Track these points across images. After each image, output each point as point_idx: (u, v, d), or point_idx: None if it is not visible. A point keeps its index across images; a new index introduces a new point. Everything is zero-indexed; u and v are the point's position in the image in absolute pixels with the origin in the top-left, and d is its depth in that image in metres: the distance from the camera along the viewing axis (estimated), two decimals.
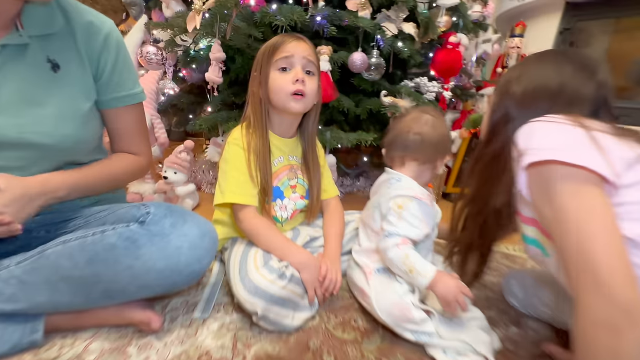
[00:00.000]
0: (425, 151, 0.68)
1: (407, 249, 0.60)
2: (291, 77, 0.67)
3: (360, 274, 0.68)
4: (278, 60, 0.67)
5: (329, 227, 0.78)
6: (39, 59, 0.52)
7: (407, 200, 0.64)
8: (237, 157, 0.68)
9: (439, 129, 0.68)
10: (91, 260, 0.47)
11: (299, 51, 0.68)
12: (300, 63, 0.68)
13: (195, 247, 0.52)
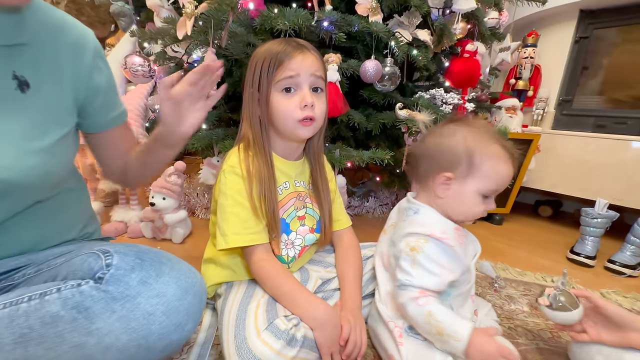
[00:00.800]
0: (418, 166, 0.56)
1: (429, 304, 0.47)
2: (298, 101, 0.55)
3: (386, 332, 0.53)
4: (281, 81, 0.55)
5: (345, 268, 0.64)
6: (5, 75, 0.40)
7: (421, 240, 0.50)
8: (236, 188, 0.56)
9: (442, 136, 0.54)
10: (22, 339, 0.33)
11: (305, 68, 0.55)
12: (308, 82, 0.56)
13: (172, 310, 0.38)
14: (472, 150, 0.50)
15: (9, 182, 0.39)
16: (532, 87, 1.66)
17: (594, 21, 1.53)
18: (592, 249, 1.15)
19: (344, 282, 0.63)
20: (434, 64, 1.12)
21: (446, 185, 0.52)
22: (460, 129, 0.52)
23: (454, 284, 0.51)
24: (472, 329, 0.44)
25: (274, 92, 0.56)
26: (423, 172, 0.54)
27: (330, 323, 0.50)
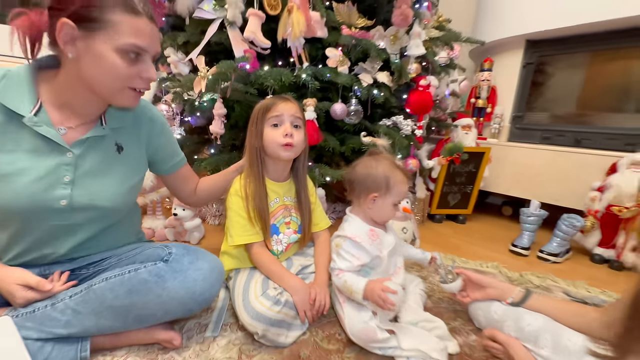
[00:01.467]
0: (354, 188, 0.82)
1: (344, 276, 0.75)
2: (281, 132, 0.82)
3: (337, 302, 0.81)
4: (270, 118, 0.83)
5: (318, 257, 0.92)
6: (110, 144, 0.69)
7: (341, 240, 0.80)
8: (238, 206, 0.83)
9: (368, 168, 0.80)
10: (129, 292, 0.61)
11: (286, 110, 0.83)
12: (289, 120, 0.83)
13: (207, 279, 0.66)
14: (388, 178, 0.78)
15: (109, 208, 0.68)
16: (490, 105, 1.95)
17: (537, 50, 1.81)
18: (528, 242, 1.43)
19: (317, 268, 0.90)
20: (394, 97, 1.40)
21: (373, 201, 0.80)
22: (377, 162, 0.80)
23: (369, 265, 0.78)
24: (366, 282, 0.71)
25: (266, 127, 0.83)
26: (357, 193, 0.82)
27: (303, 291, 0.77)
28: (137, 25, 0.58)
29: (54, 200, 0.61)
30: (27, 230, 0.64)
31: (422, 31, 1.34)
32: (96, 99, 0.64)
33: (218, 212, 1.54)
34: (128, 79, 0.60)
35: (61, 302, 0.63)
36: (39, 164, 0.60)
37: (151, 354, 0.67)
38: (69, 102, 0.63)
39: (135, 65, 0.60)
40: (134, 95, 0.64)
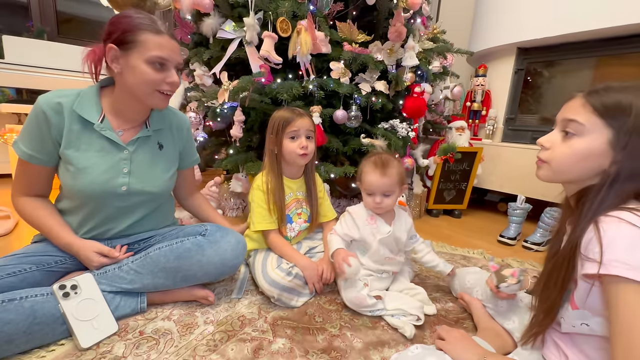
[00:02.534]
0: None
1: (333, 235, 0.96)
2: (298, 144, 0.99)
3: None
4: (289, 132, 0.99)
5: (326, 242, 1.10)
6: (154, 143, 0.89)
7: (345, 213, 0.99)
8: (260, 198, 1.02)
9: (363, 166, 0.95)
10: (177, 258, 0.81)
11: (303, 126, 0.99)
12: (304, 134, 1.00)
13: (235, 249, 0.86)
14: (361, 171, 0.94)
15: (156, 193, 0.88)
16: (485, 108, 2.09)
17: (527, 57, 1.95)
18: (514, 233, 1.57)
19: (325, 249, 1.08)
20: (391, 103, 1.57)
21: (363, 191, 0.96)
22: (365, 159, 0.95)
23: (363, 246, 0.95)
24: (338, 248, 0.90)
25: (285, 139, 1.00)
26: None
27: (311, 268, 0.95)
28: (160, 42, 0.76)
29: (117, 187, 0.82)
30: (97, 211, 0.84)
31: (415, 44, 1.51)
32: (140, 106, 0.83)
33: (235, 205, 1.74)
34: (156, 84, 0.78)
35: (125, 265, 0.83)
36: (105, 160, 0.81)
37: (191, 307, 0.87)
38: (121, 110, 0.83)
39: (161, 72, 0.78)
40: (162, 98, 0.82)
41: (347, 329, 0.82)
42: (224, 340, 0.75)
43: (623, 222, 0.49)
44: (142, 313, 0.83)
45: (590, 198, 0.55)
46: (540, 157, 0.63)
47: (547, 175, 0.62)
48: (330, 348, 0.75)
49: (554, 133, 0.61)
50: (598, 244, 0.49)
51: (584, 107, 0.56)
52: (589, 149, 0.56)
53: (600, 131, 0.54)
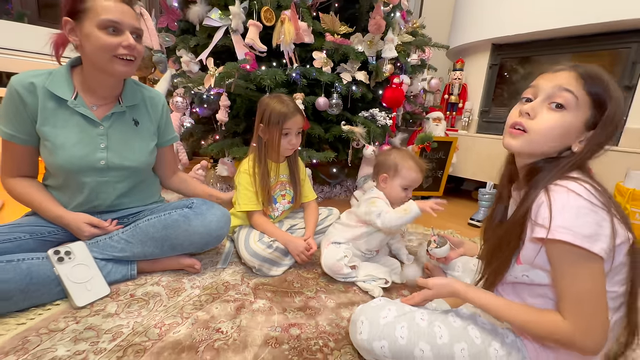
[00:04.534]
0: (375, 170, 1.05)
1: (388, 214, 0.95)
2: (288, 141, 1.06)
3: (323, 244, 1.07)
4: (284, 129, 1.04)
5: (309, 218, 1.17)
6: (129, 119, 0.93)
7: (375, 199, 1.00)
8: (246, 181, 1.08)
9: (384, 155, 1.03)
10: (164, 228, 0.88)
11: (296, 124, 1.06)
12: (295, 131, 1.07)
13: (219, 220, 0.93)
14: (397, 163, 1.01)
15: (135, 167, 0.93)
16: (461, 100, 2.21)
17: (501, 52, 2.07)
18: (483, 216, 1.70)
19: (308, 226, 1.14)
20: (372, 93, 1.66)
21: (384, 182, 1.04)
22: (393, 152, 1.03)
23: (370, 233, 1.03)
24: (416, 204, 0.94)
25: (277, 133, 1.04)
26: (375, 174, 1.07)
27: (293, 243, 1.02)
28: (107, 5, 0.76)
29: (96, 161, 0.86)
30: (81, 186, 0.87)
31: (394, 37, 1.59)
32: (107, 79, 0.85)
33: (222, 189, 1.80)
34: (112, 49, 0.78)
35: (116, 235, 0.89)
36: (82, 136, 0.85)
37: (179, 275, 0.94)
38: (92, 87, 0.86)
39: (115, 37, 0.78)
40: (123, 64, 0.81)
41: (322, 293, 0.91)
42: (209, 301, 0.83)
43: (571, 192, 0.52)
44: (132, 279, 0.90)
45: (547, 171, 0.57)
46: (522, 124, 0.58)
47: (521, 146, 0.59)
48: (306, 307, 0.84)
49: (538, 103, 0.58)
50: (548, 211, 0.52)
51: (577, 82, 0.55)
52: (572, 124, 0.56)
53: (584, 110, 0.55)
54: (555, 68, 0.59)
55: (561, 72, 0.57)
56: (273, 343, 0.69)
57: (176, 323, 0.73)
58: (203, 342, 0.68)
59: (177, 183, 1.13)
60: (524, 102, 0.61)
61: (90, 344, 0.65)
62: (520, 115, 0.59)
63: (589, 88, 0.54)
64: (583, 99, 0.54)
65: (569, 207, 0.51)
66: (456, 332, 0.62)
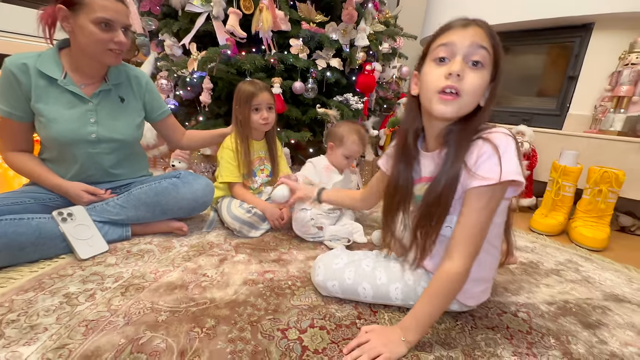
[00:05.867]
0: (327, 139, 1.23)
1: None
2: (260, 116, 1.19)
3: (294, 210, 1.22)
4: (253, 106, 1.18)
5: None
6: (115, 96, 1.03)
7: (307, 163, 1.23)
8: (229, 156, 1.21)
9: (336, 127, 1.21)
10: (156, 194, 1.00)
11: (264, 100, 1.18)
12: (265, 106, 1.20)
13: (204, 189, 1.06)
14: (343, 135, 1.18)
15: (124, 140, 1.04)
16: None
17: None
18: None
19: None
20: (346, 78, 1.79)
21: (331, 149, 1.21)
22: (343, 125, 1.22)
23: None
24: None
25: (250, 111, 1.19)
26: (326, 141, 1.22)
27: (270, 210, 1.17)
28: (104, 4, 0.85)
29: (87, 134, 0.96)
30: (76, 157, 0.97)
31: (367, 27, 1.72)
32: (95, 63, 0.95)
33: (205, 169, 1.91)
34: (104, 43, 0.88)
35: (111, 201, 1.01)
36: (72, 111, 0.94)
37: (168, 237, 1.07)
38: (80, 67, 0.95)
39: (107, 33, 0.87)
40: (114, 56, 0.92)
41: (294, 249, 1.07)
42: (196, 255, 0.97)
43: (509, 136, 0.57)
44: (127, 240, 1.03)
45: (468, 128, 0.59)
46: (456, 87, 0.56)
47: (455, 111, 0.58)
48: (279, 259, 0.99)
49: (461, 63, 0.56)
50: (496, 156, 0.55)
51: (487, 37, 0.56)
52: (487, 81, 0.58)
53: (491, 64, 0.58)
54: (462, 22, 0.58)
55: (471, 28, 0.57)
56: (250, 283, 0.85)
57: (168, 270, 0.88)
58: (192, 283, 0.83)
59: (189, 139, 1.25)
60: (438, 62, 0.59)
61: (97, 284, 0.79)
62: (448, 77, 0.56)
63: (494, 43, 0.57)
64: (491, 55, 0.57)
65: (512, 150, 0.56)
66: (393, 275, 0.78)
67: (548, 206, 1.50)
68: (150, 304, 0.73)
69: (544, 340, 0.72)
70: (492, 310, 0.82)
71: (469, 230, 0.59)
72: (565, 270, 1.09)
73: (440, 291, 0.61)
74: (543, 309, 0.84)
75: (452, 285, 0.60)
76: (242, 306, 0.75)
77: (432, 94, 0.59)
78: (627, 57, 1.56)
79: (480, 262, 0.69)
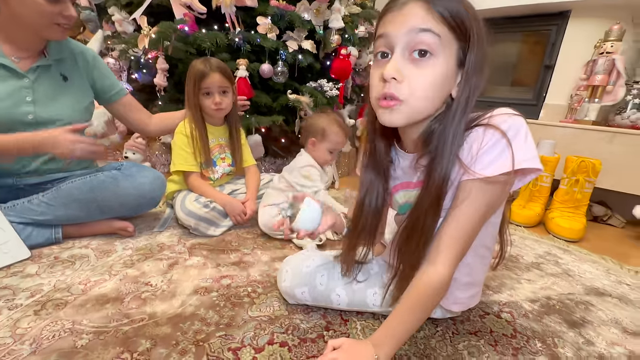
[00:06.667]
0: (303, 135, 1.11)
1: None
2: (212, 101, 1.05)
3: (260, 206, 1.10)
4: (202, 88, 1.04)
5: (249, 182, 1.19)
6: (56, 74, 0.87)
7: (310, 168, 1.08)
8: (183, 142, 1.07)
9: (312, 119, 1.09)
10: (90, 189, 0.85)
11: (214, 83, 1.04)
12: (217, 90, 1.05)
13: (152, 183, 0.92)
14: (324, 128, 1.06)
15: (69, 123, 0.87)
16: None
17: None
18: None
19: (248, 189, 1.17)
20: (320, 63, 1.67)
21: (312, 145, 1.08)
22: (320, 117, 1.08)
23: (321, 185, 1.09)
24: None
25: (200, 95, 1.05)
26: (304, 137, 1.10)
27: (231, 204, 1.04)
28: None
29: (23, 115, 0.80)
30: None
31: (341, 7, 1.60)
32: (32, 35, 0.80)
33: (167, 161, 1.74)
34: (52, 16, 0.77)
35: (35, 199, 0.84)
36: (4, 87, 0.78)
37: (110, 238, 0.92)
38: (12, 38, 0.80)
39: (55, 5, 0.76)
40: (61, 30, 0.81)
41: (258, 249, 0.96)
42: (141, 260, 0.83)
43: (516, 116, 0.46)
44: (57, 243, 0.87)
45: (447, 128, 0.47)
46: (393, 94, 0.45)
47: (404, 118, 0.47)
48: (240, 262, 0.87)
49: (399, 59, 0.45)
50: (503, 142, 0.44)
51: (431, 14, 0.43)
52: (446, 69, 0.45)
53: (451, 46, 0.45)
54: (397, 2, 0.45)
55: (409, 5, 0.44)
56: (202, 292, 0.73)
57: (103, 280, 0.73)
58: (129, 294, 0.69)
59: (160, 123, 1.11)
60: (379, 58, 0.48)
61: (4, 301, 0.64)
62: (385, 81, 0.46)
63: (447, 17, 0.43)
64: (445, 33, 0.43)
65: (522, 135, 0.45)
66: (371, 278, 0.69)
67: (526, 197, 1.47)
68: (71, 324, 0.59)
69: (530, 345, 0.65)
70: (474, 311, 0.74)
71: (458, 232, 0.49)
72: (545, 263, 1.04)
73: (419, 300, 0.51)
74: (526, 307, 0.78)
75: (433, 293, 0.51)
76: (189, 321, 0.63)
77: (374, 101, 0.49)
78: (602, 46, 1.54)
79: (471, 266, 0.60)
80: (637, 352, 0.66)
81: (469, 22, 0.45)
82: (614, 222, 1.54)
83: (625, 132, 1.41)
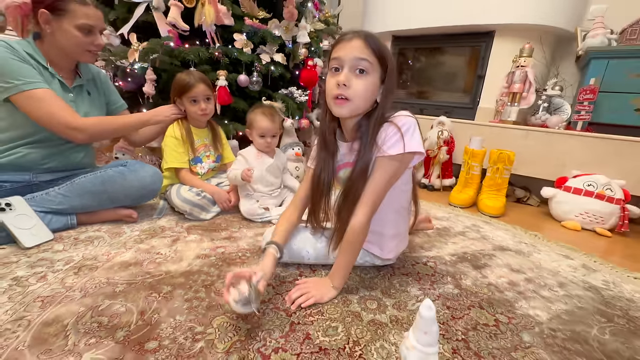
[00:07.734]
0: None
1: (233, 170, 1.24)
2: (198, 107, 1.26)
3: (241, 194, 1.32)
4: (190, 97, 1.25)
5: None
6: (85, 91, 1.07)
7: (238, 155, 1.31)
8: (173, 143, 1.26)
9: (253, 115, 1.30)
10: (102, 182, 1.02)
11: (200, 91, 1.25)
12: (202, 98, 1.27)
13: (152, 177, 1.11)
14: (251, 118, 1.28)
15: None
16: None
17: (399, 43, 2.48)
18: None
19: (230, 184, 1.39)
20: (290, 73, 1.90)
21: (249, 135, 1.30)
22: (251, 111, 1.30)
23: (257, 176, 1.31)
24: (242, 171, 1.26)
25: (187, 102, 1.26)
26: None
27: (219, 194, 1.25)
28: (87, 12, 0.95)
29: None
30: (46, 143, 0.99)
31: (307, 25, 1.85)
32: (69, 59, 1.01)
33: (152, 161, 1.89)
34: (85, 45, 0.98)
35: (52, 191, 1.01)
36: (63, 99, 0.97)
37: (118, 224, 1.10)
38: (54, 61, 0.99)
39: (88, 36, 0.97)
40: (91, 55, 1.02)
41: (244, 228, 1.17)
42: (148, 238, 1.02)
43: (410, 117, 0.73)
44: (73, 229, 1.03)
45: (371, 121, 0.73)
46: (344, 94, 0.69)
47: (349, 111, 0.72)
48: (230, 237, 1.09)
49: (347, 73, 0.69)
50: (399, 133, 0.70)
51: (367, 49, 0.68)
52: (374, 83, 0.71)
53: (377, 69, 0.70)
54: (346, 37, 0.70)
55: (354, 41, 0.69)
56: (203, 257, 0.94)
57: (121, 252, 0.92)
58: (146, 260, 0.89)
59: (140, 133, 1.29)
60: (334, 71, 0.72)
61: (47, 267, 0.81)
62: (339, 86, 0.70)
63: (376, 52, 0.69)
64: (374, 61, 0.69)
65: (412, 129, 0.72)
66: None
67: (462, 183, 1.80)
68: (106, 280, 0.78)
69: (443, 279, 0.93)
70: (408, 262, 1.02)
71: (372, 192, 0.74)
72: (469, 231, 1.35)
73: (350, 241, 0.76)
74: (447, 259, 1.07)
75: (357, 234, 0.75)
76: (196, 274, 0.84)
77: (330, 99, 0.73)
78: (518, 60, 1.92)
79: (395, 221, 0.87)
80: (514, 280, 0.96)
81: (388, 57, 0.73)
82: (531, 202, 1.91)
83: (537, 130, 1.78)
